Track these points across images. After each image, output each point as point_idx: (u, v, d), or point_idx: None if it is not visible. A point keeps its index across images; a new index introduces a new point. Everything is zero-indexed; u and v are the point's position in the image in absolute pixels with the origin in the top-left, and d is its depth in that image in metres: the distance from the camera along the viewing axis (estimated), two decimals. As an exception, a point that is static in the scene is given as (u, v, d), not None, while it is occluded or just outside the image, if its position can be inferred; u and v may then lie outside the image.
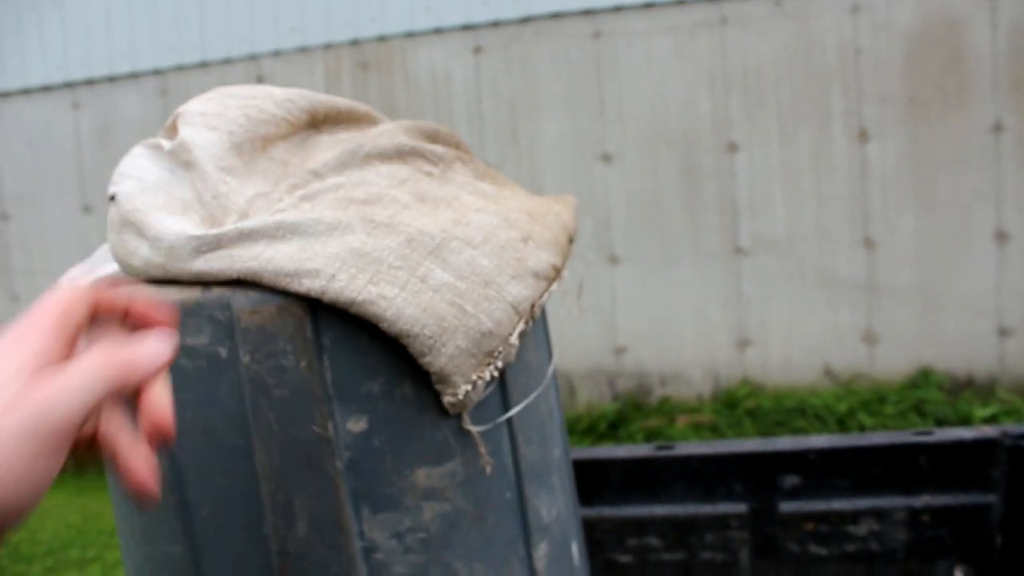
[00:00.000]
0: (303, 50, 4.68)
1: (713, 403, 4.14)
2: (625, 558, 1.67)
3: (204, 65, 4.84)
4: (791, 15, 4.12)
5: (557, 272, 0.92)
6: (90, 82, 5.07)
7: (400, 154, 0.94)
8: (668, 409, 4.13)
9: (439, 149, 0.98)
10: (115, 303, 0.60)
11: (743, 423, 3.97)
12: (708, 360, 4.23)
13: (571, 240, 1.00)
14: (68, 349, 0.52)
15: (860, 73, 4.07)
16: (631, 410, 4.17)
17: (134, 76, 4.98)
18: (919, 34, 4.00)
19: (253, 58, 4.76)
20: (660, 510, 1.67)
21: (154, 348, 0.55)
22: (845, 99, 4.09)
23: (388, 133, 0.96)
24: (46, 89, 5.15)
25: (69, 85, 5.11)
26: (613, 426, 4.08)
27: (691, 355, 4.25)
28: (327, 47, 4.64)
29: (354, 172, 0.90)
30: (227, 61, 4.79)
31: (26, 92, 5.21)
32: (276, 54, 4.73)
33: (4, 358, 0.49)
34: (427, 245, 0.81)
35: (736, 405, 4.04)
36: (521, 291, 0.85)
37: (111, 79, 5.03)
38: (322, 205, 0.85)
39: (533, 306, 0.87)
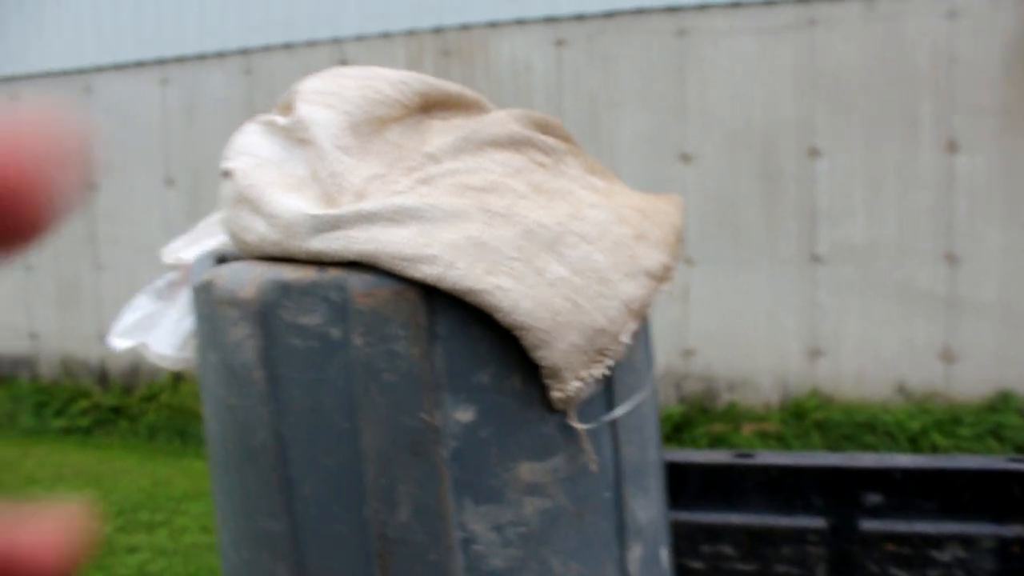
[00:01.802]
0: (386, 35, 4.71)
1: (781, 412, 4.06)
2: (697, 564, 1.64)
3: (288, 47, 4.91)
4: (883, 18, 4.01)
5: (667, 272, 0.90)
6: (180, 59, 5.18)
7: (514, 143, 0.92)
8: (734, 415, 4.07)
9: (551, 140, 0.97)
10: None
11: (811, 435, 3.89)
12: (778, 368, 4.15)
13: (679, 240, 0.98)
14: None
15: (953, 81, 3.95)
16: (696, 414, 4.12)
17: (221, 55, 5.08)
18: (1020, 41, 3.86)
19: (336, 41, 4.80)
20: (736, 518, 1.64)
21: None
22: (935, 107, 3.97)
23: (501, 121, 0.95)
24: (138, 64, 5.27)
25: (160, 62, 5.23)
26: (678, 428, 4.04)
27: (761, 362, 4.17)
28: (410, 33, 4.66)
29: (470, 158, 0.89)
30: (311, 44, 4.85)
31: (117, 67, 5.34)
32: (359, 38, 4.76)
33: None
34: (544, 238, 0.80)
35: (804, 416, 3.96)
36: (634, 290, 0.83)
37: (200, 57, 5.13)
38: (439, 190, 0.84)
39: (644, 306, 0.85)
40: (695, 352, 4.25)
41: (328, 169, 0.88)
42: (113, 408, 5.08)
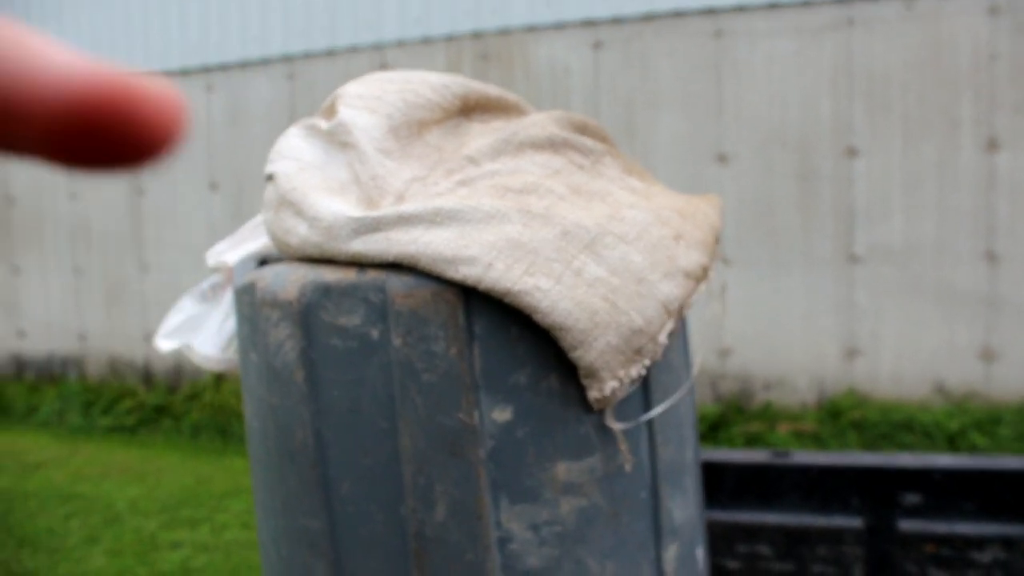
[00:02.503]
0: (426, 40, 4.74)
1: (817, 412, 4.03)
2: (734, 564, 1.64)
3: (331, 53, 4.96)
4: (922, 17, 3.96)
5: (705, 272, 0.90)
6: (224, 67, 5.25)
7: (553, 144, 0.93)
8: (770, 415, 4.04)
9: (589, 142, 0.97)
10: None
11: (847, 435, 3.85)
12: (814, 368, 4.12)
13: (717, 240, 0.98)
14: None
15: (993, 78, 3.89)
16: (733, 413, 4.09)
17: (264, 62, 5.14)
18: (1062, 41, 3.80)
19: (378, 47, 4.84)
20: (772, 518, 1.63)
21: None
22: (976, 106, 3.91)
23: (540, 123, 0.96)
24: (183, 72, 5.36)
25: (205, 69, 5.31)
26: (713, 428, 4.02)
27: (797, 362, 4.14)
28: (449, 38, 4.69)
29: (509, 160, 0.90)
30: (353, 49, 4.89)
31: (164, 75, 5.41)
32: (400, 43, 4.80)
33: None
34: (582, 239, 0.81)
35: (841, 416, 3.92)
36: (672, 290, 0.84)
37: (243, 64, 5.20)
38: (479, 192, 0.85)
39: (682, 306, 0.85)
40: (731, 352, 4.23)
41: (369, 172, 0.89)
42: (157, 407, 5.17)
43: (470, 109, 1.01)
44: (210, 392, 5.04)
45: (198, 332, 1.15)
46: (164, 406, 5.15)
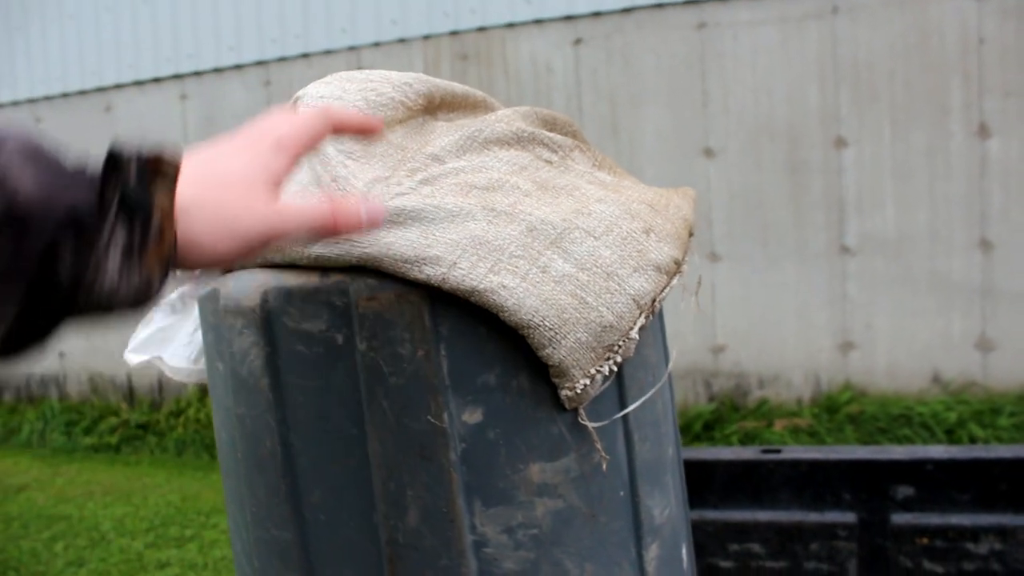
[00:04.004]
0: (403, 41, 4.72)
1: (813, 407, 4.01)
2: (726, 563, 1.62)
3: (306, 56, 4.94)
4: (907, 2, 3.95)
5: (678, 266, 0.89)
6: (197, 74, 5.23)
7: (519, 140, 0.91)
8: (766, 412, 4.02)
9: (557, 137, 0.95)
10: (342, 124, 0.70)
11: (844, 429, 3.83)
12: (809, 363, 4.10)
13: (691, 233, 0.96)
14: (292, 167, 0.64)
15: (983, 64, 3.87)
16: (728, 411, 4.07)
17: (239, 68, 5.12)
18: (1049, 23, 3.78)
19: (353, 49, 4.82)
20: (764, 516, 1.61)
21: (361, 211, 0.64)
22: (965, 92, 3.89)
23: (506, 119, 0.94)
24: (156, 80, 5.33)
25: (177, 76, 5.28)
26: (708, 427, 4.00)
27: (791, 357, 4.12)
28: (427, 38, 4.67)
29: (473, 157, 0.88)
30: (328, 52, 4.87)
31: (138, 83, 5.40)
32: (376, 45, 4.78)
33: (242, 158, 0.61)
34: (549, 235, 0.79)
35: (837, 410, 3.90)
36: (643, 284, 0.82)
37: (217, 71, 5.17)
38: (442, 190, 0.83)
39: (654, 300, 0.83)
40: (724, 349, 4.21)
41: (331, 174, 0.87)
42: (141, 425, 5.13)
43: (435, 107, 0.99)
44: (194, 408, 5.01)
45: (168, 344, 1.13)
46: (148, 423, 5.12)
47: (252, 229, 0.57)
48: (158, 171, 0.52)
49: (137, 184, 0.50)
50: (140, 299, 0.52)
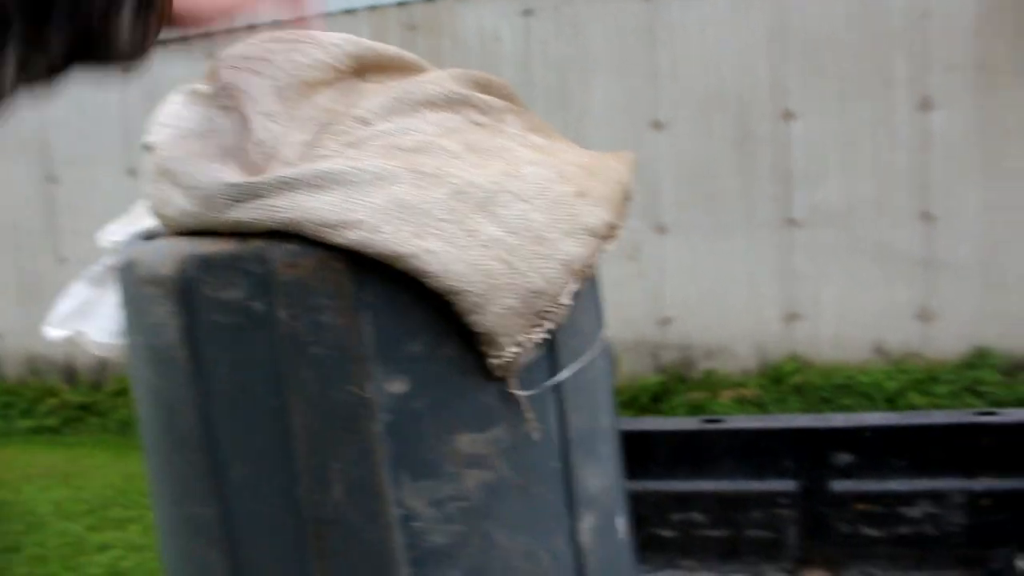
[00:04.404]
0: (348, 12, 4.63)
1: (759, 378, 4.05)
2: (668, 533, 1.63)
3: (252, 29, 4.81)
4: (854, -23, 3.97)
5: (612, 230, 0.87)
6: (137, 50, 5.07)
7: (450, 102, 0.88)
8: (712, 383, 4.06)
9: (490, 99, 0.93)
10: None
11: (789, 399, 3.89)
12: (756, 334, 4.14)
13: (628, 198, 0.94)
14: None
15: (926, 37, 3.91)
16: (675, 383, 4.10)
17: (182, 42, 4.98)
18: (992, -3, 3.83)
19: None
20: (706, 485, 1.62)
21: None
22: (909, 65, 3.93)
23: (438, 80, 0.91)
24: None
25: (118, 52, 5.12)
26: (656, 399, 4.03)
27: (738, 328, 4.16)
28: (373, 8, 4.59)
29: (401, 119, 0.85)
30: (275, 24, 4.76)
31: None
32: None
33: None
34: (476, 198, 0.77)
35: (782, 381, 3.96)
36: (574, 249, 0.80)
37: (159, 43, 5.03)
38: (367, 153, 0.80)
39: (587, 265, 0.82)
40: (672, 321, 4.23)
41: (254, 137, 0.84)
42: (82, 405, 5.00)
43: (365, 69, 0.96)
44: (138, 386, 4.90)
45: (91, 318, 1.08)
46: (90, 404, 5.00)
47: None
48: None
49: None
50: (136, 52, 0.74)
